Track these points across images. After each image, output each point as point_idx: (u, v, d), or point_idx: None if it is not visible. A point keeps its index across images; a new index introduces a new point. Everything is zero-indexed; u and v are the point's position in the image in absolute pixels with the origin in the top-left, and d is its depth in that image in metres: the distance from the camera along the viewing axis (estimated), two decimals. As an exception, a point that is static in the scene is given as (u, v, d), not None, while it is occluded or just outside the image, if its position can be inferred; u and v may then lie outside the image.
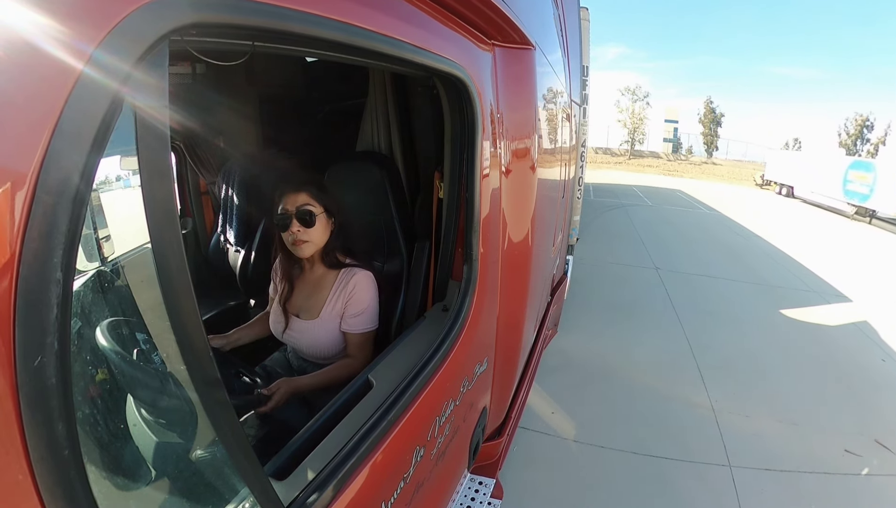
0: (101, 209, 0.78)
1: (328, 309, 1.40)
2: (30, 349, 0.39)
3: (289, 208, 1.34)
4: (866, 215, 12.12)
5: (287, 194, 1.35)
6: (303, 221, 1.33)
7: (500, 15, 1.23)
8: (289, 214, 1.33)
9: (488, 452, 1.87)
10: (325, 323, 1.40)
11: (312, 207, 1.34)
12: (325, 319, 1.40)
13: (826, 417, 2.99)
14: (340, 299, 1.40)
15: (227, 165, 2.31)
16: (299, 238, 1.34)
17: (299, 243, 1.35)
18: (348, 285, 1.40)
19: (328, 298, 1.41)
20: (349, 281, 1.40)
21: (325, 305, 1.41)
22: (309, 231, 1.34)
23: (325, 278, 1.44)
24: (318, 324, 1.41)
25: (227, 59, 0.69)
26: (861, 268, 7.11)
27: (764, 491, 2.31)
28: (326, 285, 1.43)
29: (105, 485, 0.63)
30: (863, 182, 12.21)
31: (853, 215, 12.47)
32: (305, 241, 1.35)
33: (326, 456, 0.86)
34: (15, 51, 0.37)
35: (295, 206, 1.33)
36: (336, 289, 1.41)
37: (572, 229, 4.55)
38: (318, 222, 1.35)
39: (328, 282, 1.43)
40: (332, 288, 1.41)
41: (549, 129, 1.96)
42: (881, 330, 4.54)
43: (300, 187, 1.35)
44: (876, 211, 11.78)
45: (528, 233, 1.65)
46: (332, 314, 1.40)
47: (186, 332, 0.54)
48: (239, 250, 2.24)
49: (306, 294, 1.46)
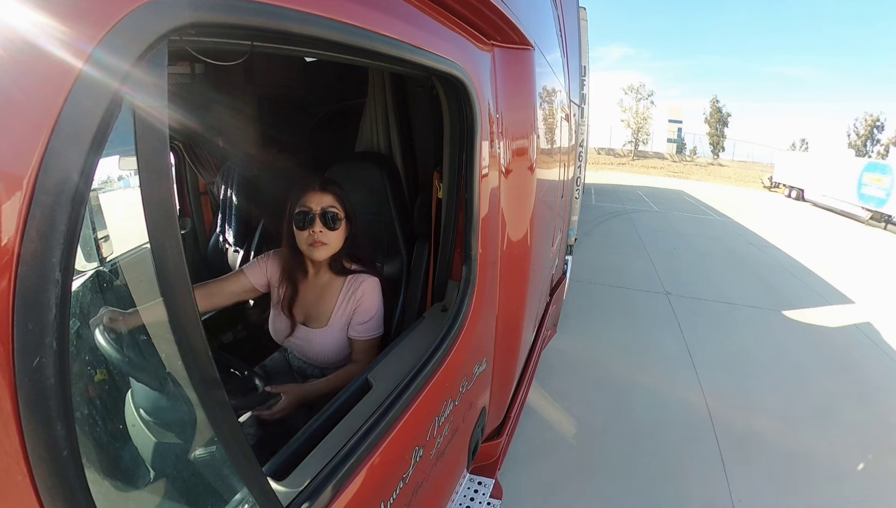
0: (100, 209, 0.77)
1: (337, 317, 1.37)
2: (28, 349, 0.38)
3: (313, 207, 1.29)
4: (881, 220, 11.60)
5: (312, 192, 1.31)
6: (326, 223, 1.30)
7: (500, 15, 1.23)
8: (313, 212, 1.29)
9: (487, 452, 1.87)
10: (333, 332, 1.37)
11: (337, 210, 1.31)
12: (333, 327, 1.37)
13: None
14: (349, 306, 1.37)
15: (227, 165, 2.31)
16: (319, 239, 1.30)
17: (317, 245, 1.30)
18: (356, 293, 1.36)
19: (336, 305, 1.37)
20: (357, 288, 1.37)
21: (333, 313, 1.37)
22: (330, 234, 1.31)
23: (331, 284, 1.40)
24: (326, 333, 1.38)
25: (226, 58, 0.69)
26: (890, 285, 6.38)
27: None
28: (333, 293, 1.39)
29: (104, 486, 0.63)
30: (879, 186, 11.63)
31: (868, 221, 11.94)
32: (325, 243, 1.31)
33: (325, 457, 0.85)
34: (14, 50, 0.36)
35: (321, 206, 1.29)
36: (344, 296, 1.38)
37: (571, 229, 4.55)
38: (340, 227, 1.32)
39: (335, 289, 1.39)
40: (340, 295, 1.38)
41: (547, 129, 1.96)
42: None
43: (327, 188, 1.32)
44: (892, 216, 11.21)
45: (526, 233, 1.65)
46: (341, 322, 1.37)
47: (185, 332, 0.54)
48: (238, 250, 2.24)
49: (311, 301, 1.41)
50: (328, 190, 1.32)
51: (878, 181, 11.76)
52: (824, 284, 6.14)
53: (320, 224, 1.30)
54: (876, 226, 11.60)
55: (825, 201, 14.33)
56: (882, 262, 7.90)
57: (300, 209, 1.30)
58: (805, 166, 16.06)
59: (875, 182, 11.84)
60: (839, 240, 9.68)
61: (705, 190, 18.19)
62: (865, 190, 12.19)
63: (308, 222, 1.30)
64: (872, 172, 12.17)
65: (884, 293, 5.94)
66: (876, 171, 12.09)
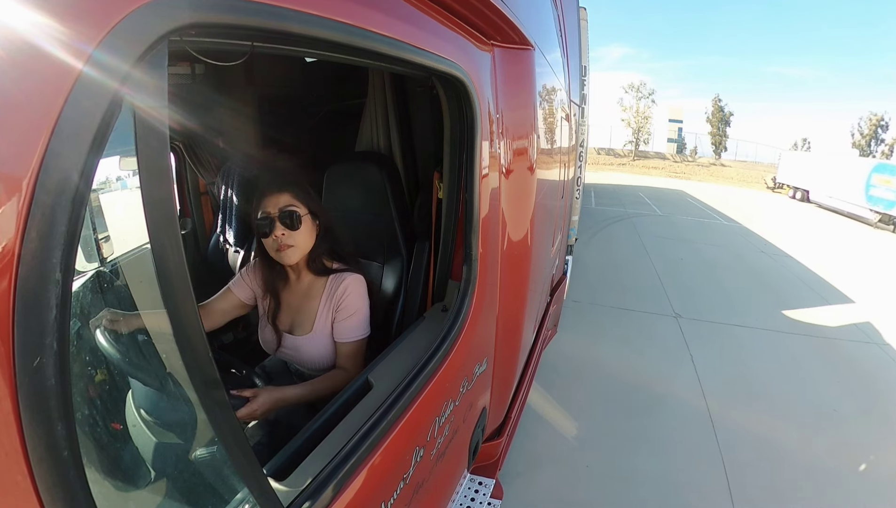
0: (100, 210, 0.78)
1: (320, 321, 1.33)
2: (29, 349, 0.38)
3: (270, 211, 1.24)
4: (890, 222, 11.12)
5: (268, 196, 1.25)
6: (286, 223, 1.24)
7: (500, 15, 1.23)
8: (271, 216, 1.24)
9: (488, 452, 1.87)
10: (319, 337, 1.33)
11: (296, 207, 1.25)
12: (318, 331, 1.33)
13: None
14: (331, 307, 1.32)
15: (227, 165, 2.31)
16: (284, 243, 1.24)
17: (284, 249, 1.25)
18: (338, 292, 1.32)
19: (319, 309, 1.33)
20: (339, 287, 1.32)
21: (316, 317, 1.33)
22: (294, 234, 1.25)
23: (313, 287, 1.35)
24: (312, 339, 1.33)
25: (226, 59, 0.69)
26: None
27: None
28: (315, 295, 1.34)
29: (105, 486, 0.63)
30: (888, 187, 11.22)
31: (876, 223, 11.46)
32: (290, 245, 1.25)
33: (326, 457, 0.85)
34: (14, 50, 0.36)
35: (277, 208, 1.24)
36: (325, 298, 1.33)
37: (571, 229, 4.55)
38: (303, 225, 1.26)
39: (317, 291, 1.34)
40: (322, 297, 1.33)
41: (548, 129, 1.96)
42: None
43: (282, 188, 1.26)
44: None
45: (527, 233, 1.65)
46: (326, 325, 1.33)
47: (186, 332, 0.54)
48: (238, 250, 2.24)
49: (295, 307, 1.37)
50: (284, 189, 1.26)
51: (887, 183, 11.36)
52: (841, 295, 5.71)
53: (281, 227, 1.24)
54: (884, 229, 11.17)
55: (831, 202, 13.83)
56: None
57: (260, 216, 1.25)
58: (810, 167, 15.52)
59: (884, 184, 11.43)
60: (850, 245, 9.22)
61: (708, 191, 17.69)
62: (874, 192, 11.76)
63: (269, 227, 1.24)
64: (881, 174, 11.73)
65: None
66: (885, 172, 11.67)
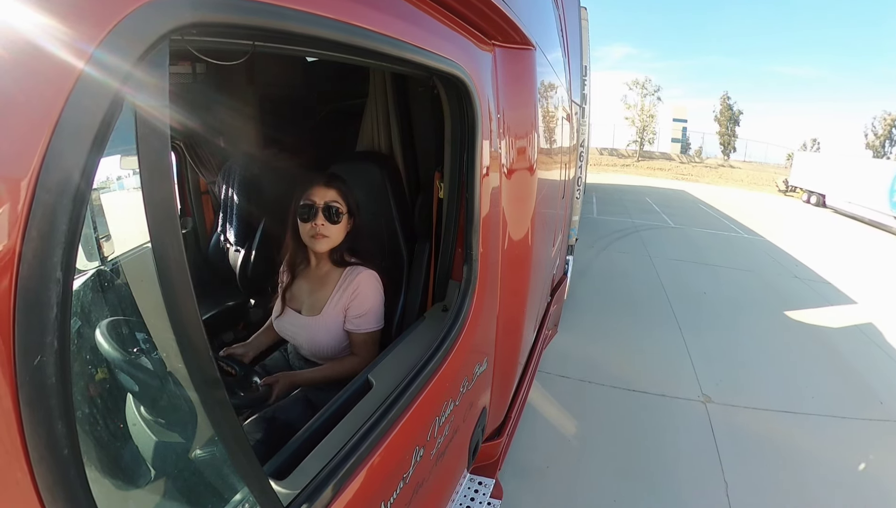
0: (101, 209, 0.77)
1: (330, 307, 1.41)
2: (29, 348, 0.39)
3: (316, 201, 1.35)
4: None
5: (316, 187, 1.36)
6: (329, 216, 1.35)
7: (501, 15, 1.23)
8: (316, 206, 1.35)
9: (488, 452, 1.87)
10: (326, 321, 1.40)
11: (339, 204, 1.37)
12: (326, 316, 1.40)
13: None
14: (344, 297, 1.40)
15: (228, 164, 2.31)
16: (321, 232, 1.35)
17: (319, 237, 1.36)
18: (352, 284, 1.40)
19: (331, 295, 1.41)
20: (353, 279, 1.40)
21: (327, 302, 1.41)
22: (331, 227, 1.36)
23: (329, 275, 1.44)
24: (318, 321, 1.41)
25: (227, 58, 0.69)
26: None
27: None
28: (330, 283, 1.43)
29: (105, 485, 0.63)
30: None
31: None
32: (326, 236, 1.36)
33: (326, 456, 0.85)
34: (15, 50, 0.36)
35: (324, 200, 1.35)
36: (340, 287, 1.41)
37: (571, 229, 4.55)
38: (341, 221, 1.38)
39: (332, 279, 1.43)
40: (336, 286, 1.42)
41: (548, 129, 1.96)
42: None
43: (331, 183, 1.37)
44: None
45: (527, 233, 1.65)
46: (335, 313, 1.40)
47: (186, 332, 0.54)
48: (239, 249, 2.24)
49: (309, 289, 1.46)
50: (332, 185, 1.37)
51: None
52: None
53: (322, 217, 1.35)
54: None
55: (850, 208, 12.80)
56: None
57: (305, 202, 1.36)
58: (826, 169, 14.47)
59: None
60: (891, 265, 7.93)
61: (719, 196, 16.61)
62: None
63: (311, 215, 1.35)
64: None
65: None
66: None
